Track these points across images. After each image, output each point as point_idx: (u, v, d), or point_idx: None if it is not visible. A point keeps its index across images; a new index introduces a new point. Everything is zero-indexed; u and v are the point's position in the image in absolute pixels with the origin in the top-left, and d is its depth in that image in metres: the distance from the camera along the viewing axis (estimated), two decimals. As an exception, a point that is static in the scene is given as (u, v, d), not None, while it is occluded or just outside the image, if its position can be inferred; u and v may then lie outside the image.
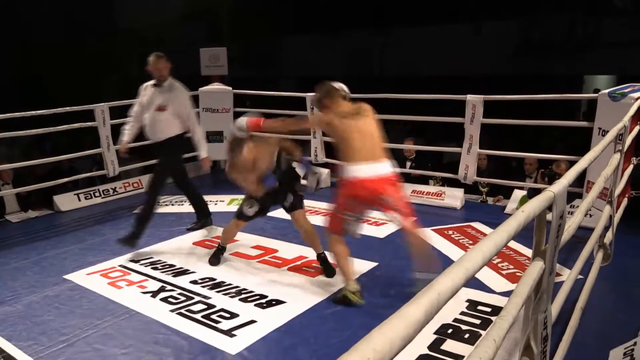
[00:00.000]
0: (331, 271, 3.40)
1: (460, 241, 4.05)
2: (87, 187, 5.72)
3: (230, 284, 3.38)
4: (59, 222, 5.01)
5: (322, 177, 3.46)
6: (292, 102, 6.00)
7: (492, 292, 3.13)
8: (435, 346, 2.55)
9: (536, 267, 1.60)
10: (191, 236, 4.37)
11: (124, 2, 15.68)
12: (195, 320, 2.94)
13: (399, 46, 12.05)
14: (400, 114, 5.66)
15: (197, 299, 3.20)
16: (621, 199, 3.87)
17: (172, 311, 3.06)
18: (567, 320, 2.57)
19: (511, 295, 1.44)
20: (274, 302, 3.12)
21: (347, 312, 2.98)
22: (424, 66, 11.35)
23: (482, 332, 2.68)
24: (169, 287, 3.38)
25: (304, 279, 3.44)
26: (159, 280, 3.50)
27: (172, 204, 5.15)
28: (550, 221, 1.63)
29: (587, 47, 9.77)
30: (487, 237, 1.24)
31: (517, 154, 5.08)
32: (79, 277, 3.62)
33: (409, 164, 5.63)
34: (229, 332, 2.80)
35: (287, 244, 4.03)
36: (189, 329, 2.85)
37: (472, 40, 10.95)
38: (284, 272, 3.56)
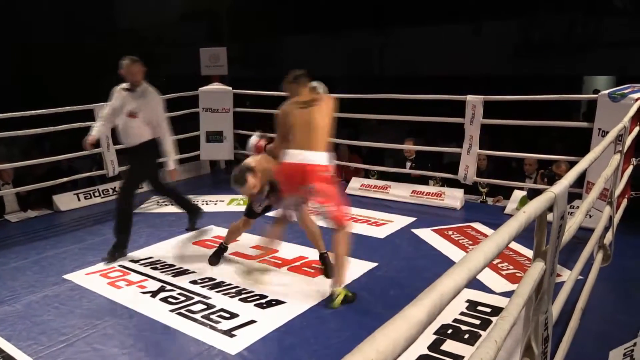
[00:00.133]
0: (332, 272, 3.39)
1: (460, 241, 4.05)
2: (87, 187, 5.71)
3: (230, 284, 3.38)
4: (58, 221, 5.01)
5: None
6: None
7: (491, 292, 3.13)
8: (435, 346, 2.55)
9: (537, 268, 1.60)
10: (191, 236, 4.37)
11: (124, 2, 15.68)
12: (195, 320, 2.94)
13: (399, 46, 12.06)
14: (400, 114, 5.67)
15: (196, 299, 3.20)
16: (621, 199, 3.87)
17: (171, 311, 3.06)
18: (567, 321, 2.57)
19: (512, 295, 1.44)
20: (273, 302, 3.12)
21: (347, 313, 2.98)
22: (424, 66, 11.35)
23: (481, 332, 2.68)
24: (168, 287, 3.38)
25: (304, 279, 3.44)
26: (159, 280, 3.50)
27: (172, 204, 5.13)
28: (551, 222, 1.63)
29: (587, 47, 9.77)
30: (488, 237, 1.24)
31: (518, 154, 5.06)
32: (79, 276, 3.62)
33: (409, 164, 5.62)
34: (229, 332, 2.80)
35: (288, 244, 4.02)
36: (189, 329, 2.85)
37: (472, 40, 10.96)
38: (284, 272, 3.56)
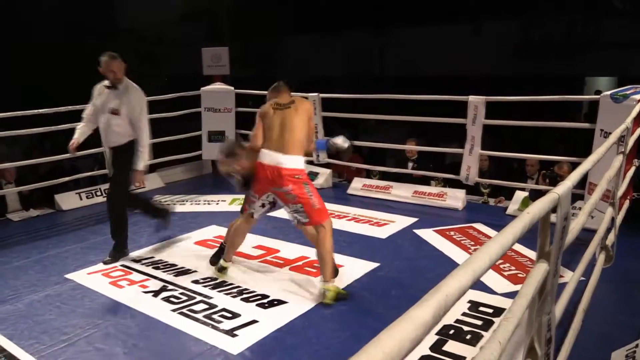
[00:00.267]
0: (334, 271, 3.40)
1: (462, 242, 4.04)
2: (89, 186, 5.71)
3: (231, 284, 3.38)
4: (60, 221, 5.01)
5: (340, 140, 3.46)
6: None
7: (494, 293, 3.13)
8: (437, 347, 2.55)
9: (540, 269, 1.59)
10: (193, 236, 4.37)
11: (124, 2, 15.69)
12: (196, 320, 2.94)
13: (399, 46, 12.07)
14: (400, 114, 5.67)
15: (198, 298, 3.20)
16: (623, 200, 3.87)
17: (173, 311, 3.06)
18: (569, 322, 2.57)
19: (516, 296, 1.44)
20: (275, 302, 3.12)
21: (349, 313, 2.98)
22: (424, 66, 11.37)
23: (483, 333, 2.68)
24: (170, 287, 3.38)
25: (306, 279, 3.44)
26: (161, 279, 3.50)
27: (174, 204, 5.14)
28: (554, 223, 1.63)
29: (587, 47, 9.78)
30: (492, 238, 1.24)
31: (520, 155, 5.04)
32: (81, 276, 3.62)
33: (410, 165, 5.63)
34: (231, 332, 2.80)
35: (289, 243, 4.03)
36: (191, 328, 2.85)
37: (472, 40, 10.97)
38: (285, 272, 3.57)
